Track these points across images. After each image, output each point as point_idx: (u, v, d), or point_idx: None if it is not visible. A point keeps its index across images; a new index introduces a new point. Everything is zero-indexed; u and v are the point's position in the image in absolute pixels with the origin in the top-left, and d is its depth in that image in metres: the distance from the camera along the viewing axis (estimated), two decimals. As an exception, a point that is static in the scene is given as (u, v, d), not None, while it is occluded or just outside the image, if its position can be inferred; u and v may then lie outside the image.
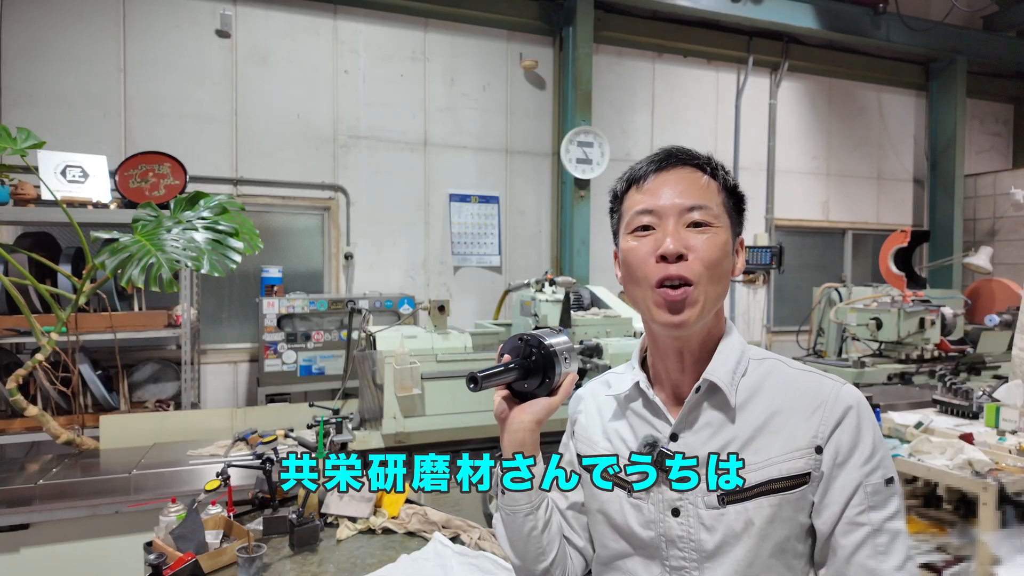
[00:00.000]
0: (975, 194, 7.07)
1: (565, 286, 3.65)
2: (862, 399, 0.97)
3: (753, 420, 0.97)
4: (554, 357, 1.01)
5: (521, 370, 1.02)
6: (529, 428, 1.01)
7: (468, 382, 0.96)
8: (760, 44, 6.13)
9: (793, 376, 1.00)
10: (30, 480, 2.60)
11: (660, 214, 0.97)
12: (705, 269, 0.95)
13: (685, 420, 0.99)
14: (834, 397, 0.96)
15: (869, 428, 0.95)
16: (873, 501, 0.92)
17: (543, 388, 1.03)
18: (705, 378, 0.98)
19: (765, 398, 0.98)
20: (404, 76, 5.07)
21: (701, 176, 1.00)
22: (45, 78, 4.17)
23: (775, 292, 6.43)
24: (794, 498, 0.94)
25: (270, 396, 4.30)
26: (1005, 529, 2.28)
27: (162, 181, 3.85)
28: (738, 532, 0.94)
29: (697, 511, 0.95)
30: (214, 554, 1.79)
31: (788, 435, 0.95)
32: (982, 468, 2.36)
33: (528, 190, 5.52)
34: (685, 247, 0.95)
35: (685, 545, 0.96)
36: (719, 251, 0.96)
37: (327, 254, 4.95)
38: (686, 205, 0.96)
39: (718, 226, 0.97)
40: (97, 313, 3.61)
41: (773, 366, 1.02)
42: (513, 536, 1.05)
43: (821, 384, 0.98)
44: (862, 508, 0.92)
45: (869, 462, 0.93)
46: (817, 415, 0.95)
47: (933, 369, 4.13)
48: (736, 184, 1.04)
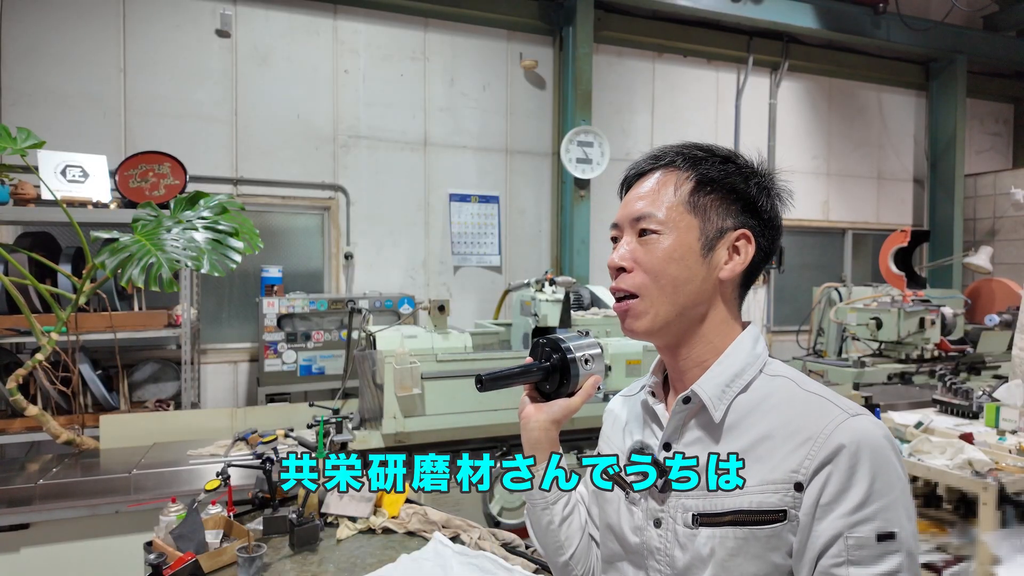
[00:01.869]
0: (975, 194, 7.07)
1: (565, 286, 3.66)
2: (870, 436, 0.82)
3: (739, 442, 0.89)
4: (571, 361, 1.03)
5: (538, 373, 1.04)
6: (544, 427, 1.03)
7: (476, 382, 1.00)
8: (760, 44, 6.13)
9: (800, 399, 0.89)
10: (30, 480, 2.60)
11: (620, 227, 0.99)
12: (648, 279, 0.93)
13: (675, 431, 0.97)
14: (830, 430, 0.83)
15: (866, 472, 0.80)
16: (856, 556, 0.79)
17: (563, 390, 1.05)
18: (692, 390, 0.94)
19: (760, 419, 0.89)
20: (404, 76, 5.07)
21: (664, 176, 0.96)
22: (45, 78, 4.17)
23: (775, 292, 6.43)
24: (764, 535, 0.85)
25: (270, 396, 4.30)
26: (1005, 529, 2.28)
27: (162, 181, 3.85)
28: (704, 557, 0.89)
29: (675, 526, 0.93)
30: (214, 554, 1.79)
31: (771, 465, 0.86)
32: (982, 468, 2.36)
33: (528, 190, 5.52)
34: (633, 259, 0.95)
35: (662, 558, 0.94)
36: (662, 259, 0.92)
37: (327, 254, 4.95)
38: (634, 215, 0.96)
39: (667, 231, 0.93)
40: (97, 313, 3.61)
41: (782, 385, 0.92)
42: (534, 526, 1.10)
43: (823, 412, 0.86)
44: (839, 560, 0.80)
45: (859, 511, 0.80)
46: (804, 448, 0.84)
47: (933, 369, 4.13)
48: (713, 173, 0.94)
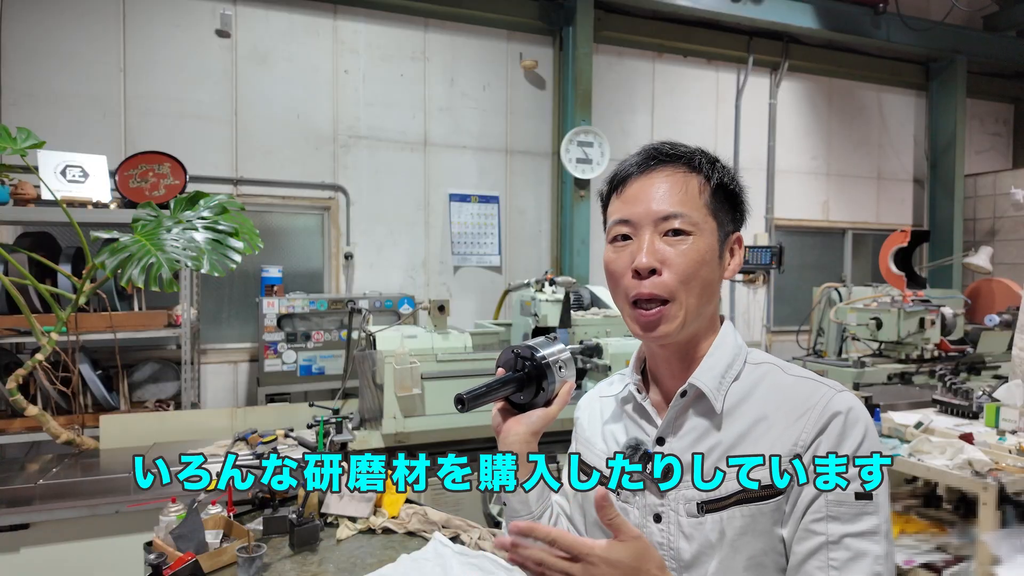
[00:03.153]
0: (975, 194, 7.07)
1: (565, 286, 3.66)
2: (856, 406, 0.89)
3: (738, 427, 0.92)
4: (546, 368, 0.99)
5: (513, 384, 0.99)
6: (524, 440, 0.99)
7: (456, 403, 0.94)
8: (760, 44, 6.13)
9: (787, 382, 0.94)
10: (30, 480, 2.60)
11: (636, 224, 0.94)
12: (681, 283, 0.91)
13: (671, 425, 0.97)
14: (823, 403, 0.89)
15: (854, 436, 0.87)
16: (836, 512, 0.85)
17: (539, 399, 1.01)
18: (691, 383, 0.95)
19: (753, 404, 0.93)
20: (404, 76, 5.07)
21: (684, 176, 0.94)
22: (45, 78, 4.17)
23: (775, 292, 6.43)
24: (769, 509, 0.88)
25: (270, 396, 4.30)
26: (1005, 529, 2.28)
27: (162, 181, 3.85)
28: (713, 543, 0.90)
29: (678, 518, 0.93)
30: (214, 554, 1.79)
31: (770, 443, 0.89)
32: (982, 468, 2.36)
33: (528, 190, 5.52)
34: (660, 260, 0.91)
35: (665, 553, 0.94)
36: (697, 261, 0.92)
37: (327, 254, 4.95)
38: (662, 214, 0.92)
39: (699, 232, 0.92)
40: (97, 313, 3.61)
41: (768, 371, 0.96)
42: None
43: (814, 390, 0.91)
44: (820, 516, 0.85)
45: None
46: (801, 422, 0.89)
47: (933, 369, 4.13)
48: (727, 179, 0.97)
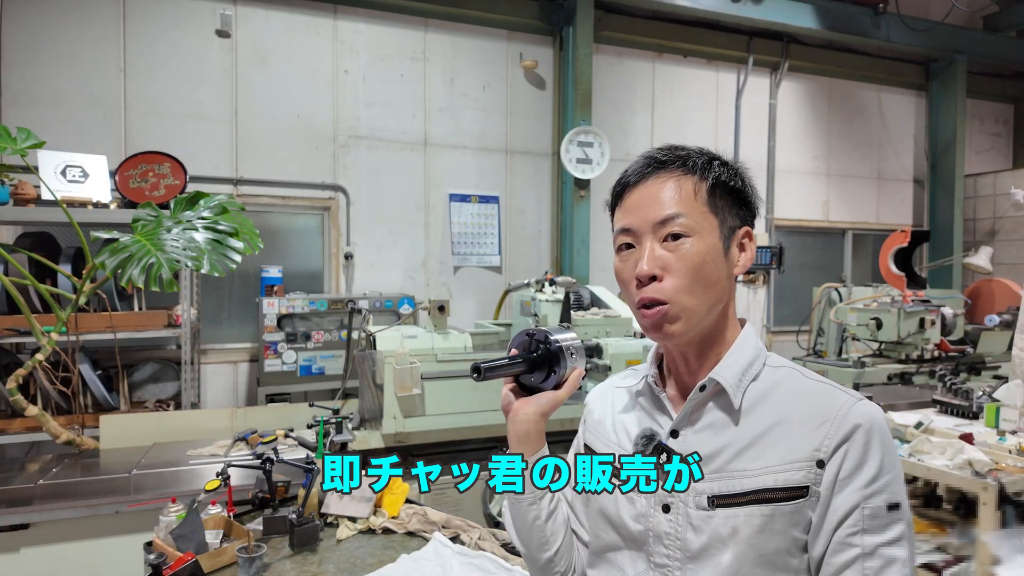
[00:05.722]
0: (975, 194, 7.07)
1: (565, 286, 3.66)
2: (877, 418, 0.92)
3: (756, 426, 0.94)
4: (560, 352, 1.04)
5: (526, 363, 1.04)
6: (533, 420, 1.03)
7: (472, 371, 1.00)
8: (760, 44, 6.13)
9: (807, 387, 0.97)
10: (30, 480, 2.60)
11: (637, 232, 0.97)
12: (681, 286, 0.93)
13: (688, 418, 0.98)
14: (845, 412, 0.92)
15: (878, 450, 0.90)
16: (869, 524, 0.89)
17: (549, 382, 1.05)
18: (711, 378, 0.97)
19: (772, 406, 0.95)
20: (404, 76, 5.07)
21: (679, 179, 0.96)
22: (45, 78, 4.17)
23: (775, 292, 6.43)
24: (788, 510, 0.91)
25: (270, 396, 4.30)
26: (1005, 529, 2.28)
27: (162, 181, 3.85)
28: (724, 537, 0.92)
29: (687, 509, 0.94)
30: (214, 554, 1.79)
31: (790, 445, 0.92)
32: (982, 468, 2.36)
33: (528, 190, 5.52)
34: (661, 267, 0.94)
35: (671, 543, 0.96)
36: (697, 263, 0.94)
37: (327, 254, 4.95)
38: (658, 219, 0.95)
39: (698, 233, 0.94)
40: (97, 313, 3.61)
41: (787, 375, 0.98)
42: (518, 524, 1.08)
43: (834, 397, 0.94)
44: (855, 530, 0.89)
45: (872, 484, 0.89)
46: (823, 428, 0.91)
47: (933, 369, 4.13)
48: (724, 176, 0.98)
